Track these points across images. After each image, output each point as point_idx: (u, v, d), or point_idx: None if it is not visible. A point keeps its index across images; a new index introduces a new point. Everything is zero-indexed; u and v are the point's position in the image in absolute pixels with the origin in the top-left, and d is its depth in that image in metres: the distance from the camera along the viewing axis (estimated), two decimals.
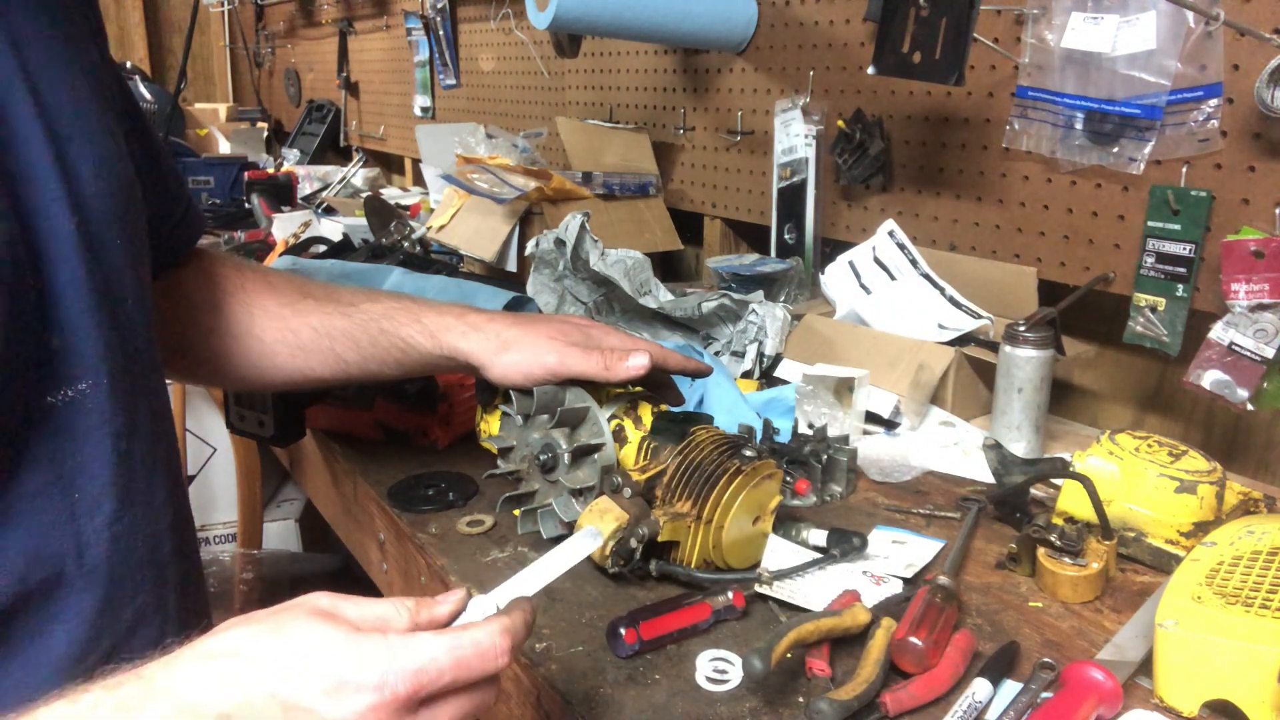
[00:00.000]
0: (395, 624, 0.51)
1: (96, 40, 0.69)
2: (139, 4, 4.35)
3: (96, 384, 0.61)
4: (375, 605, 0.52)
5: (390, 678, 0.47)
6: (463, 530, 0.91)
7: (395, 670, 0.47)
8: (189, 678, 0.47)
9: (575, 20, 1.48)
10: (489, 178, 1.72)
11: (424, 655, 0.48)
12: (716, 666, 0.70)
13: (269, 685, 0.47)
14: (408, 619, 0.52)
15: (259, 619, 0.50)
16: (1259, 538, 0.74)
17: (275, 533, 2.33)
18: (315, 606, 0.50)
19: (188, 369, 0.89)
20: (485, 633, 0.50)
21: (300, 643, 0.48)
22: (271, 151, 3.65)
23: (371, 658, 0.48)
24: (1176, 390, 1.19)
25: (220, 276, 0.87)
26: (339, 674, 0.47)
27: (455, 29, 2.70)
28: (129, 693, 0.47)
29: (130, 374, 0.64)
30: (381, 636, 0.49)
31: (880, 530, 0.90)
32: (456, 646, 0.49)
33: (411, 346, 0.86)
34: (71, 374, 0.60)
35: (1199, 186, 1.06)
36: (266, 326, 0.86)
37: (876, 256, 1.36)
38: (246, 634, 0.49)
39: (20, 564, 0.58)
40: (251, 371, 0.87)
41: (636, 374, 0.82)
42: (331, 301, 0.88)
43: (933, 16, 1.12)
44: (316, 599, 0.51)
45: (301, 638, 0.48)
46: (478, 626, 0.51)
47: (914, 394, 1.16)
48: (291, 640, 0.48)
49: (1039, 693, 0.66)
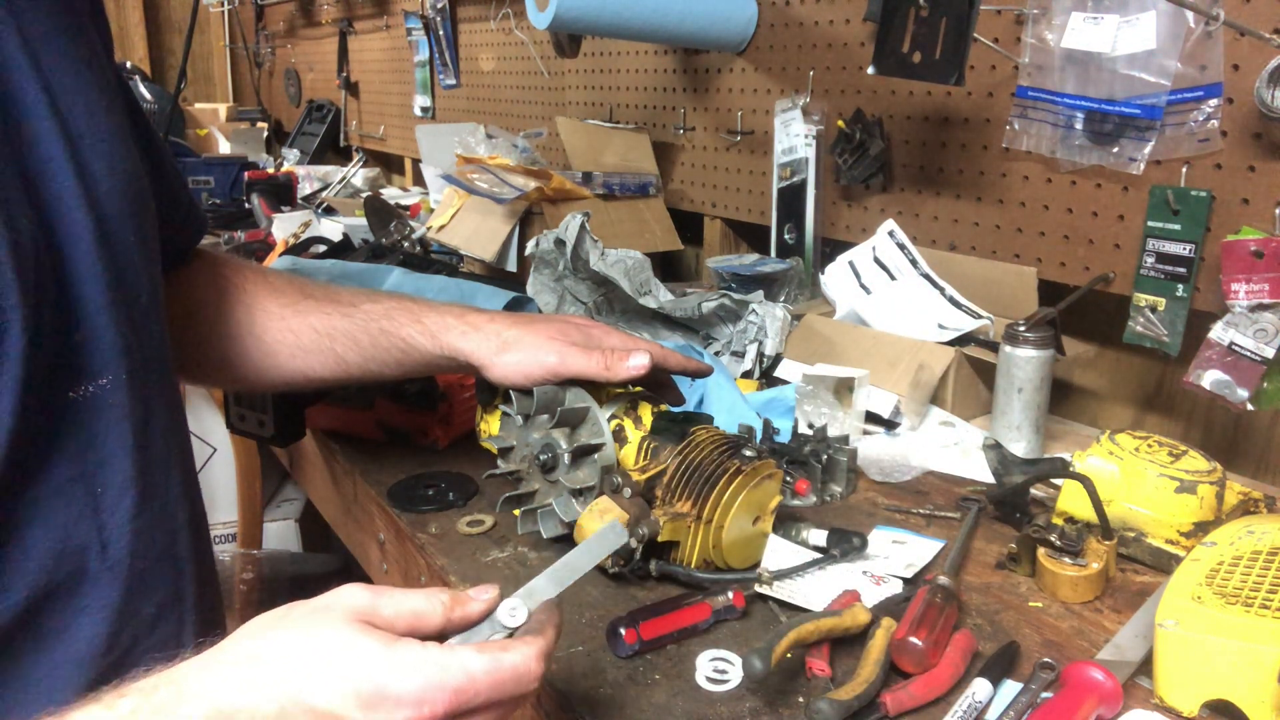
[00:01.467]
0: (429, 619, 0.51)
1: (103, 40, 0.69)
2: (139, 4, 4.35)
3: (116, 379, 0.61)
4: (410, 598, 0.52)
5: (430, 693, 0.47)
6: (463, 530, 0.91)
7: (436, 687, 0.47)
8: (223, 682, 0.47)
9: (575, 20, 1.48)
10: (489, 178, 1.72)
11: (464, 675, 0.48)
12: (716, 666, 0.70)
13: (305, 694, 0.47)
14: (441, 615, 0.52)
15: (294, 623, 0.50)
16: (1259, 538, 0.74)
17: (275, 533, 2.33)
18: (352, 608, 0.50)
19: (189, 369, 0.89)
20: (523, 657, 0.50)
21: (337, 651, 0.48)
22: (271, 151, 3.65)
23: (412, 672, 0.47)
24: (1176, 390, 1.19)
25: (221, 277, 0.87)
26: (378, 686, 0.47)
27: (455, 29, 2.70)
28: (164, 697, 0.47)
29: (146, 369, 0.64)
30: (421, 648, 0.49)
31: (880, 530, 0.90)
32: (496, 670, 0.49)
33: (412, 346, 0.86)
34: (93, 368, 0.60)
35: (1199, 186, 1.06)
36: (267, 327, 0.87)
37: (876, 256, 1.36)
38: (282, 639, 0.49)
39: (48, 559, 0.58)
40: (252, 372, 0.88)
41: (637, 374, 0.82)
42: (331, 302, 0.88)
43: (933, 16, 1.12)
44: (353, 597, 0.51)
45: (339, 645, 0.48)
46: (516, 649, 0.50)
47: (914, 394, 1.16)
48: (328, 647, 0.48)
49: (1039, 693, 0.66)
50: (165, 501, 0.66)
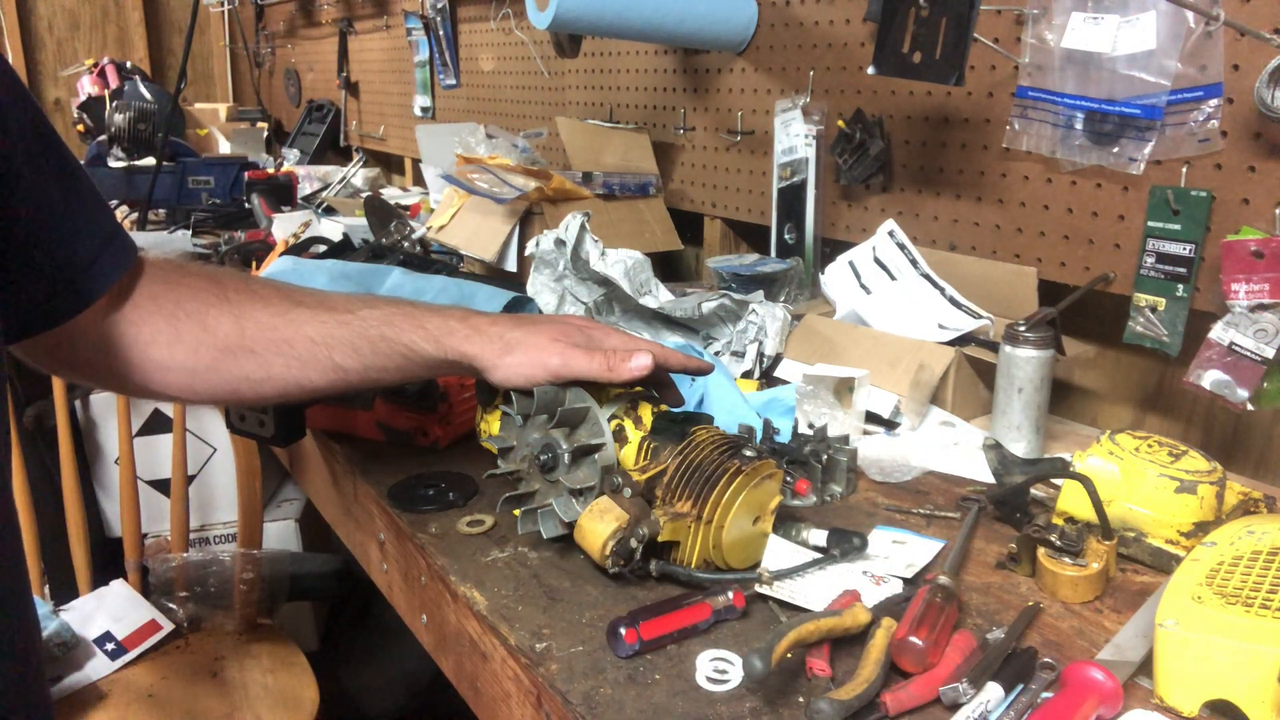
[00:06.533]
0: None
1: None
2: (139, 4, 4.36)
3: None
4: None
5: None
6: (463, 530, 0.91)
7: None
8: None
9: (575, 20, 1.48)
10: (489, 178, 1.72)
11: None
12: (716, 666, 0.70)
13: None
14: None
15: None
16: (1259, 538, 0.74)
17: (275, 533, 2.33)
18: None
19: (180, 386, 0.88)
20: None
21: None
22: (271, 151, 3.65)
23: None
24: (1176, 390, 1.19)
25: (199, 289, 0.86)
26: None
27: (455, 29, 2.70)
28: None
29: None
30: None
31: (880, 530, 0.90)
32: None
33: (415, 351, 0.86)
34: None
35: (1199, 186, 1.06)
36: (258, 339, 0.85)
37: (876, 256, 1.36)
38: None
39: None
40: (245, 385, 0.86)
41: (639, 374, 0.82)
42: (327, 310, 0.86)
43: (933, 16, 1.12)
44: None
45: None
46: None
47: (914, 394, 1.16)
48: None
49: (1039, 693, 0.66)
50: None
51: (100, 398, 2.15)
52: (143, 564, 1.83)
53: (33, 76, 4.22)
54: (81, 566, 1.83)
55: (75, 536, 1.82)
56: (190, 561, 1.82)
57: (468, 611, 0.80)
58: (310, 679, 1.70)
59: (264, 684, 1.68)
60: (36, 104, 0.75)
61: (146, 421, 2.17)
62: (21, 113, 0.72)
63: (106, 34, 4.35)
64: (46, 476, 1.97)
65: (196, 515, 2.24)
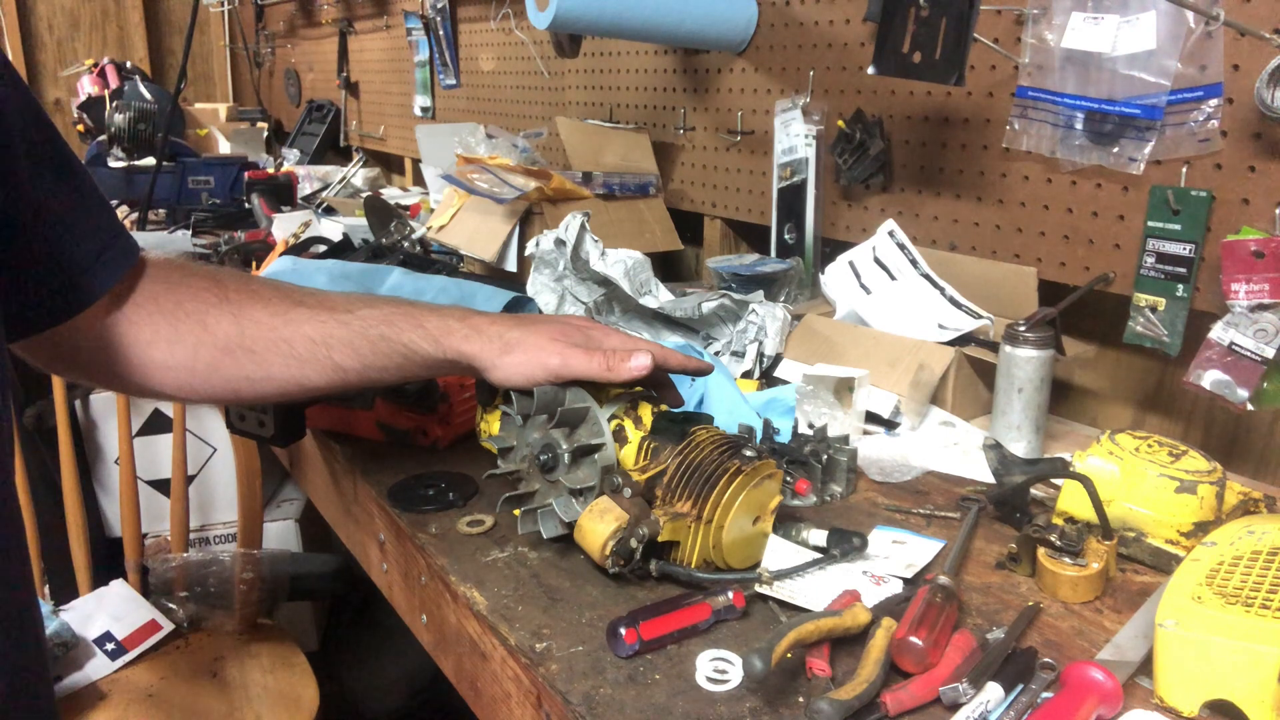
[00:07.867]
0: None
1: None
2: (139, 4, 4.36)
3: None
4: None
5: None
6: (463, 530, 0.91)
7: None
8: None
9: (575, 20, 1.48)
10: (489, 178, 1.72)
11: None
12: (716, 666, 0.70)
13: None
14: None
15: None
16: (1259, 538, 0.74)
17: (275, 533, 2.33)
18: None
19: (179, 386, 0.88)
20: None
21: None
22: (271, 151, 3.65)
23: None
24: (1176, 390, 1.19)
25: (199, 289, 0.86)
26: None
27: (455, 29, 2.70)
28: None
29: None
30: None
31: (880, 530, 0.90)
32: None
33: (414, 351, 0.86)
34: None
35: (1199, 186, 1.06)
36: (257, 338, 0.85)
37: (876, 256, 1.36)
38: None
39: None
40: (245, 385, 0.86)
41: (639, 374, 0.82)
42: (326, 309, 0.87)
43: (933, 16, 1.12)
44: None
45: None
46: None
47: (914, 394, 1.16)
48: None
49: (1039, 693, 0.66)
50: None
51: (100, 398, 2.15)
52: (143, 564, 1.83)
53: (33, 76, 4.22)
54: (81, 566, 1.83)
55: (75, 536, 1.82)
56: (190, 561, 1.82)
57: (468, 611, 0.80)
58: (310, 679, 1.70)
59: (264, 684, 1.68)
60: (38, 103, 0.75)
61: (146, 421, 2.17)
62: (22, 112, 0.72)
63: (106, 34, 4.35)
64: (46, 476, 1.97)
65: (196, 515, 2.24)
